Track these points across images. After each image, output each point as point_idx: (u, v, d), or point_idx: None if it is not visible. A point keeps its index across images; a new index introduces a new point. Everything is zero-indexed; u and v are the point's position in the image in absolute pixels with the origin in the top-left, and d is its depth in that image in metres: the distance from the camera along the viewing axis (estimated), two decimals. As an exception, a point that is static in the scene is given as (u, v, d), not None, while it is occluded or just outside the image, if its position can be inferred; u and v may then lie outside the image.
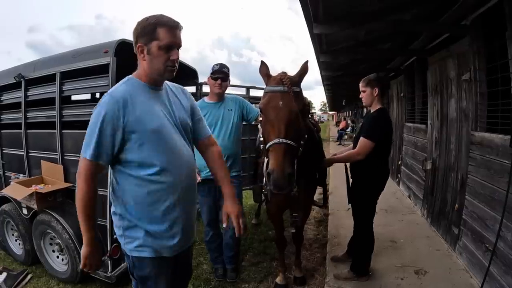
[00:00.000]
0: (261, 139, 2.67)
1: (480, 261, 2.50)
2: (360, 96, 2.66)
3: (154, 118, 1.35)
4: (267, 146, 1.73)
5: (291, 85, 1.80)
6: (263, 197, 2.67)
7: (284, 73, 1.89)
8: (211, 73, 2.65)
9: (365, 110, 11.14)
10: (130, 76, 1.42)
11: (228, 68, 2.71)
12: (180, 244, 1.47)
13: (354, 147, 2.66)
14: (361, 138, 2.41)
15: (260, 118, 1.92)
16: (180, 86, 1.66)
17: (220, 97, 2.72)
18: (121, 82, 1.40)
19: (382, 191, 2.60)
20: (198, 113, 1.66)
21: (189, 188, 1.49)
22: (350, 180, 2.68)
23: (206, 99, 2.78)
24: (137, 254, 1.42)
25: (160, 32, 1.29)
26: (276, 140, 1.68)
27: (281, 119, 1.73)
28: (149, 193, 1.36)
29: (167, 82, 1.52)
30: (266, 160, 1.80)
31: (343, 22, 2.99)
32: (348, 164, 2.72)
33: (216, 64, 2.68)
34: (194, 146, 1.64)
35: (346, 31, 3.28)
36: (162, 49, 1.31)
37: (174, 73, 1.41)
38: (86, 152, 1.28)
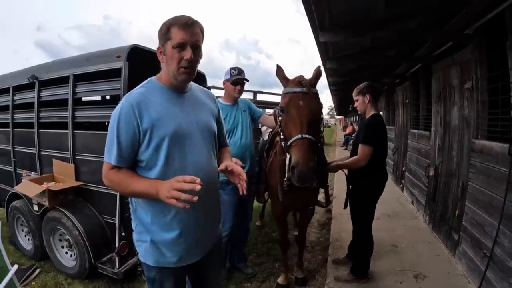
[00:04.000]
0: (266, 137, 2.74)
1: (478, 266, 2.54)
2: (354, 106, 2.76)
3: (171, 119, 1.31)
4: (290, 142, 1.83)
5: (310, 86, 1.93)
6: (266, 197, 2.75)
7: (302, 76, 2.00)
8: (231, 78, 2.66)
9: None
10: (151, 78, 1.41)
11: (244, 72, 2.74)
12: (186, 256, 1.41)
13: (352, 153, 2.73)
14: (360, 145, 2.49)
15: (279, 118, 2.01)
16: (208, 91, 1.64)
17: (236, 100, 2.79)
18: (140, 84, 1.38)
19: (380, 195, 2.65)
20: (221, 121, 1.64)
21: (204, 199, 1.30)
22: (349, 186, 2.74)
23: (222, 100, 2.77)
24: (144, 260, 1.41)
25: (173, 31, 1.26)
26: (299, 136, 1.78)
27: (303, 117, 1.84)
28: (156, 200, 1.27)
29: (194, 85, 1.50)
30: (288, 156, 1.89)
31: (349, 30, 3.04)
32: (346, 171, 2.76)
33: (234, 69, 2.70)
34: None
35: (351, 39, 3.33)
36: (175, 48, 1.26)
37: (191, 76, 1.35)
38: (108, 157, 1.28)
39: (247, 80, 2.75)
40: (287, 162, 1.91)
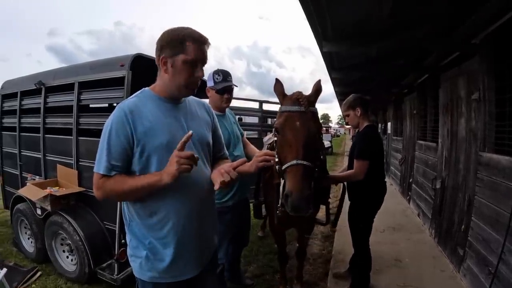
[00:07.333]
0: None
1: (483, 284, 2.45)
2: (346, 121, 2.69)
3: (164, 131, 1.28)
4: (284, 167, 1.63)
5: (308, 105, 1.73)
6: (263, 213, 2.67)
7: (300, 93, 1.81)
8: (216, 86, 2.27)
9: (380, 125, 11.05)
10: (145, 88, 1.37)
11: (231, 76, 2.34)
12: (183, 271, 1.37)
13: (349, 164, 2.67)
14: (355, 160, 2.42)
15: (275, 138, 1.84)
16: (204, 101, 1.60)
17: (225, 110, 2.44)
18: (134, 94, 1.36)
19: (379, 209, 2.59)
20: (218, 133, 1.62)
21: (199, 211, 1.38)
22: (348, 202, 2.68)
23: None
24: (139, 276, 1.37)
25: (188, 46, 1.24)
26: (294, 162, 1.58)
27: (299, 140, 1.65)
28: (150, 213, 1.30)
29: (189, 97, 1.46)
30: (282, 182, 1.72)
31: (352, 40, 3.03)
32: (343, 185, 2.70)
33: (217, 74, 2.28)
34: None
35: (356, 48, 3.30)
36: (187, 64, 1.26)
37: (195, 91, 1.36)
38: (98, 167, 1.23)
39: (236, 86, 2.37)
40: (281, 188, 1.76)
